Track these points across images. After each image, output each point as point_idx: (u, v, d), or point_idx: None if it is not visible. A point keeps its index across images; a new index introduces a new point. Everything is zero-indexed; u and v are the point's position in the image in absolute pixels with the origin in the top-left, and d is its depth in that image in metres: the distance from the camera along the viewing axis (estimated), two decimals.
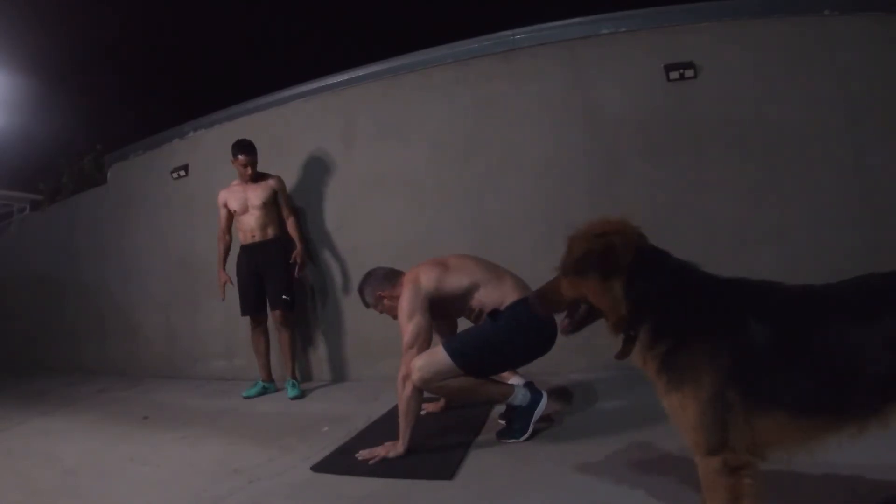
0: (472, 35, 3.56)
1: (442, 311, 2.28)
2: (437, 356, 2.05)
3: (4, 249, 6.20)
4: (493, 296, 2.21)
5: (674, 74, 3.13)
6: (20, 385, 4.75)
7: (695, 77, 3.13)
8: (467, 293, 2.22)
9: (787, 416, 1.02)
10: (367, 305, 2.48)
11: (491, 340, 2.12)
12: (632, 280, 1.13)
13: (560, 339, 1.59)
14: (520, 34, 3.43)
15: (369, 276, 2.44)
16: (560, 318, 1.30)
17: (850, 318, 1.00)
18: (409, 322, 2.12)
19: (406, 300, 2.15)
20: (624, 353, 1.18)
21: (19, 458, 2.60)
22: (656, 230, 3.48)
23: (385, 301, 2.35)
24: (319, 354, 3.83)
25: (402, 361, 2.09)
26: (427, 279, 2.19)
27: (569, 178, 3.28)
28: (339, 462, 2.09)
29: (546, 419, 2.24)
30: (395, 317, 2.32)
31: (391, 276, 2.38)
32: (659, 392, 1.14)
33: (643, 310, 1.12)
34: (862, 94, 2.99)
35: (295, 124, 3.97)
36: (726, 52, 3.12)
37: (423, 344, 2.11)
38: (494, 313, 2.19)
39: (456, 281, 2.21)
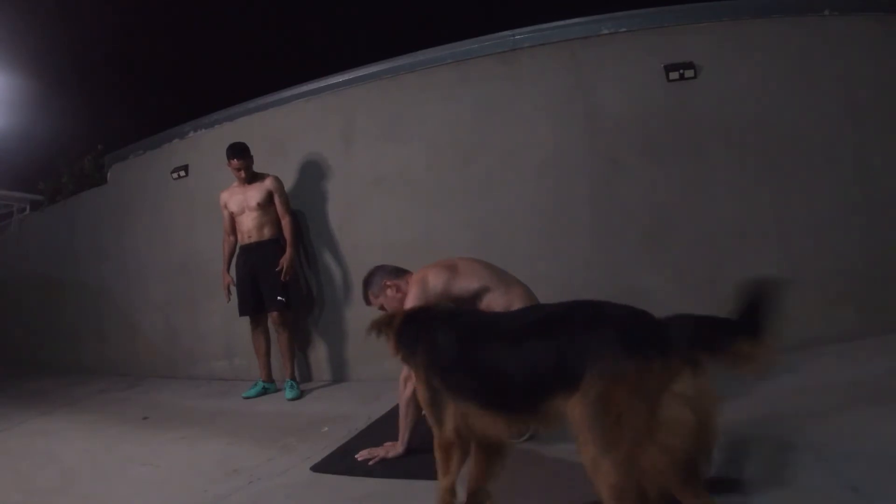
0: (472, 35, 3.55)
1: None
2: None
3: (4, 249, 6.20)
4: (501, 301, 2.17)
5: (674, 74, 3.12)
6: (20, 385, 4.76)
7: (695, 77, 3.12)
8: (475, 297, 2.18)
9: (478, 407, 1.34)
10: (367, 300, 2.44)
11: None
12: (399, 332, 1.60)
13: None
14: (520, 34, 3.42)
15: (378, 268, 2.43)
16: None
17: (505, 341, 1.32)
18: None
19: (413, 299, 2.13)
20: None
21: (19, 458, 2.60)
22: (656, 230, 3.49)
23: (388, 291, 2.31)
24: (320, 355, 3.83)
25: None
26: (435, 280, 2.17)
27: (569, 178, 3.28)
28: (339, 462, 2.10)
29: None
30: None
31: (399, 271, 2.37)
32: None
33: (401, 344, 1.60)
34: (862, 94, 2.99)
35: (295, 124, 3.97)
36: (726, 52, 3.12)
37: None
38: None
39: (465, 284, 2.18)
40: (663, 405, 1.06)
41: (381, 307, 2.39)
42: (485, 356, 1.35)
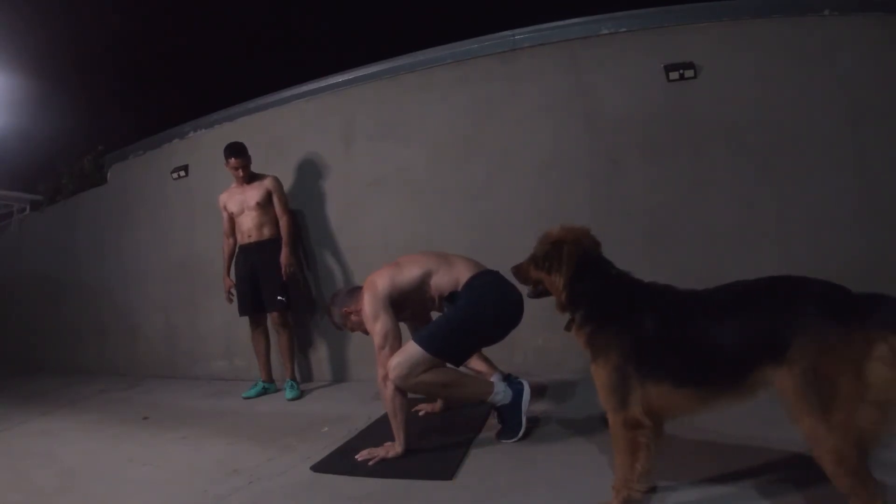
0: (472, 35, 3.56)
1: (408, 309, 2.33)
2: (409, 350, 2.06)
3: (4, 249, 6.20)
4: (447, 279, 2.26)
5: (674, 74, 3.12)
6: (20, 385, 4.76)
7: (695, 77, 3.12)
8: (422, 283, 2.27)
9: (672, 386, 1.33)
10: (337, 328, 2.55)
11: (456, 320, 2.15)
12: (571, 279, 1.52)
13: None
14: (520, 34, 3.43)
15: (333, 298, 2.52)
16: (527, 290, 1.74)
17: (712, 315, 1.32)
18: (375, 324, 2.16)
19: (368, 305, 2.20)
20: (567, 328, 1.57)
21: (19, 458, 2.60)
22: (656, 230, 3.49)
23: (352, 316, 2.40)
24: (320, 355, 3.83)
25: (378, 363, 2.12)
26: (381, 281, 2.24)
27: (569, 179, 3.28)
28: (339, 462, 2.10)
29: (542, 419, 2.26)
30: (364, 332, 2.37)
31: (352, 292, 2.45)
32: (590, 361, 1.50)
33: (577, 301, 1.52)
34: (862, 94, 2.99)
35: (295, 124, 3.97)
36: (726, 52, 3.12)
37: (394, 342, 2.15)
38: (452, 296, 2.23)
39: (408, 274, 2.26)
40: (868, 369, 1.13)
41: (353, 330, 2.47)
42: (695, 331, 1.33)
